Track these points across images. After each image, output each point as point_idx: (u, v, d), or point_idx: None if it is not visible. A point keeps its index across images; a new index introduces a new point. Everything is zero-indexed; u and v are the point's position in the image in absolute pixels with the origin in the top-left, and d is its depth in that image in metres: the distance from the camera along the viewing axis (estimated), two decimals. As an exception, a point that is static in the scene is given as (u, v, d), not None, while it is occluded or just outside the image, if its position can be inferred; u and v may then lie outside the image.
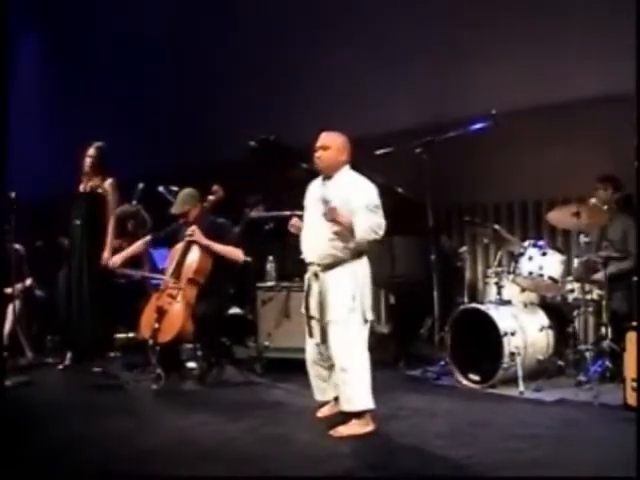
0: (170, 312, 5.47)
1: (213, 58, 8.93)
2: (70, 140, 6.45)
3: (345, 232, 4.21)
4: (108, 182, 6.40)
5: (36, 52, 11.00)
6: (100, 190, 6.37)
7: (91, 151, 6.43)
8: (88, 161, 6.39)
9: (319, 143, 4.42)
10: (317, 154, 4.41)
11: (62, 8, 10.15)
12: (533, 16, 6.48)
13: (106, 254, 6.22)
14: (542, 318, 5.50)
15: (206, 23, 8.91)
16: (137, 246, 6.01)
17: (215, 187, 5.79)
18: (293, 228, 4.57)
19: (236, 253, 5.74)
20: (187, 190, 5.88)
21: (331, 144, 4.39)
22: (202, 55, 8.96)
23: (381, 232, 4.25)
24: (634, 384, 4.33)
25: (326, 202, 4.23)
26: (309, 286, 4.40)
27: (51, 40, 10.75)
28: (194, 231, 5.66)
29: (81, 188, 6.43)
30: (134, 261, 6.21)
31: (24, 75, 10.47)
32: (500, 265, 5.79)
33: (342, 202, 4.24)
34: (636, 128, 4.89)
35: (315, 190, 4.51)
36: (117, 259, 5.87)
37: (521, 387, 5.06)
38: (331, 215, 4.18)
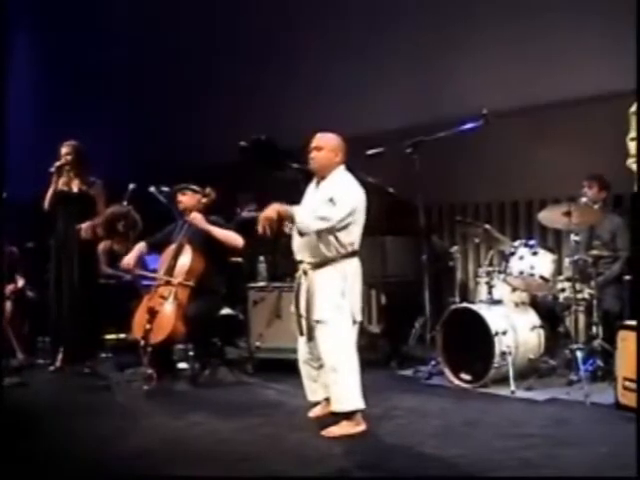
0: (162, 313, 5.46)
1: (206, 58, 8.93)
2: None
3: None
4: (98, 184, 6.33)
5: (31, 53, 10.98)
6: (92, 192, 6.28)
7: (64, 150, 6.24)
8: (64, 161, 6.20)
9: (313, 144, 4.42)
10: (311, 155, 4.42)
11: (56, 9, 10.13)
12: (525, 16, 6.50)
13: (84, 225, 6.14)
14: (533, 317, 5.51)
15: (202, 23, 8.91)
16: (138, 249, 5.88)
17: (208, 189, 5.79)
18: (263, 225, 4.17)
19: (235, 238, 5.71)
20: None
21: (325, 145, 4.39)
22: (196, 55, 8.96)
23: (325, 224, 4.15)
24: (626, 383, 4.33)
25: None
26: (299, 284, 4.40)
27: (46, 40, 10.73)
28: (196, 216, 5.66)
29: (66, 188, 6.24)
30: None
31: (17, 75, 10.43)
32: (491, 265, 5.81)
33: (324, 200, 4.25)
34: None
35: (310, 190, 4.52)
36: (131, 261, 5.71)
37: (512, 386, 5.06)
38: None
